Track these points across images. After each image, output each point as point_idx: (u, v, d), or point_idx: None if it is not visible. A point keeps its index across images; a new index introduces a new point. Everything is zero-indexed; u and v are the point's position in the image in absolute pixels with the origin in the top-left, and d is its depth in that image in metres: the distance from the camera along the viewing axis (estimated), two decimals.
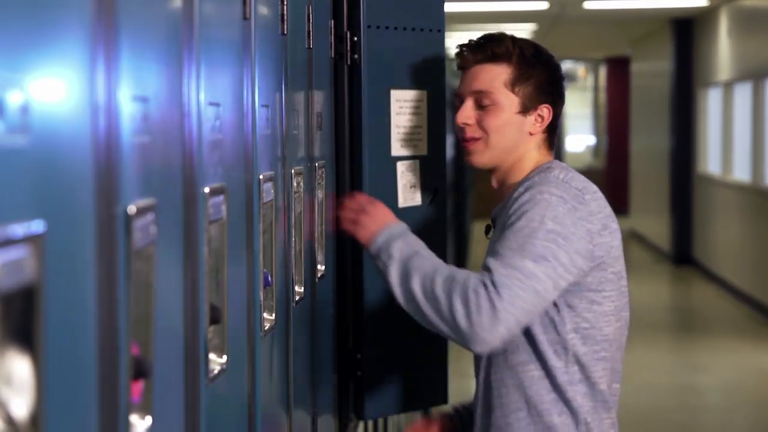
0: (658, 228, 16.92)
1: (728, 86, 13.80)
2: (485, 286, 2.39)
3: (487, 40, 2.72)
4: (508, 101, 2.68)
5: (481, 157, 2.69)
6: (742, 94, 13.10)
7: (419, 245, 2.56)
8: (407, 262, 2.50)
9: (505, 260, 2.43)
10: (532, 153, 2.71)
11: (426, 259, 2.51)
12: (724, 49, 13.94)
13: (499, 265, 2.42)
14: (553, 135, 2.74)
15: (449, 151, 12.48)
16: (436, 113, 3.16)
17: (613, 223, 2.58)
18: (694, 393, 8.62)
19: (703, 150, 15.26)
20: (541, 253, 2.44)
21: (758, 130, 12.08)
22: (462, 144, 2.71)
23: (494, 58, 2.70)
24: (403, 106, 3.10)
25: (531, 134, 2.69)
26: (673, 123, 16.06)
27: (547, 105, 2.71)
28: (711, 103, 15.01)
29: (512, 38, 2.72)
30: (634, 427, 7.19)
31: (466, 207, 13.68)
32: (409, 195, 3.11)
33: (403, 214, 3.04)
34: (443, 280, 2.43)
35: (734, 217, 13.22)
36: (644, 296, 12.48)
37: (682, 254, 15.70)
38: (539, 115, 2.70)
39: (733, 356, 9.81)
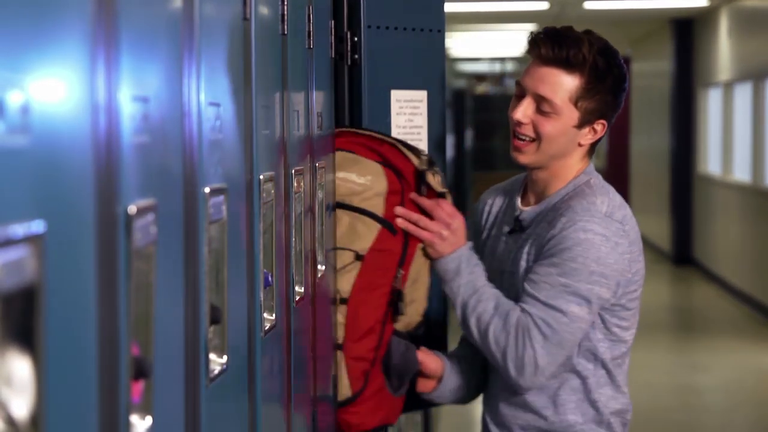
0: (658, 228, 16.92)
1: (728, 86, 13.80)
2: (531, 338, 2.55)
3: (563, 40, 2.60)
4: (569, 114, 2.62)
5: (528, 157, 2.66)
6: (743, 95, 13.10)
7: (480, 277, 2.64)
8: (468, 299, 2.62)
9: (549, 301, 2.55)
10: (575, 160, 2.69)
11: (483, 299, 2.60)
12: (724, 49, 13.94)
13: (544, 308, 2.55)
14: (597, 142, 2.73)
15: (449, 151, 12.48)
16: (436, 113, 3.16)
17: (641, 240, 2.68)
18: (694, 393, 8.62)
19: (704, 150, 15.26)
20: (586, 296, 2.55)
21: (758, 131, 12.08)
22: (512, 138, 2.67)
23: (568, 65, 2.60)
24: (403, 107, 3.11)
25: (581, 145, 2.67)
26: (673, 123, 16.06)
27: (603, 121, 2.66)
28: (711, 103, 15.01)
29: (589, 41, 2.60)
30: (634, 427, 7.18)
31: (466, 208, 13.68)
32: None
33: None
34: (494, 328, 2.59)
35: (734, 218, 13.23)
36: (644, 296, 12.42)
37: (682, 254, 15.70)
38: (593, 128, 2.66)
39: (733, 356, 9.81)
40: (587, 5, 14.37)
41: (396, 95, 3.09)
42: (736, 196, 13.20)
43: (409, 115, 3.12)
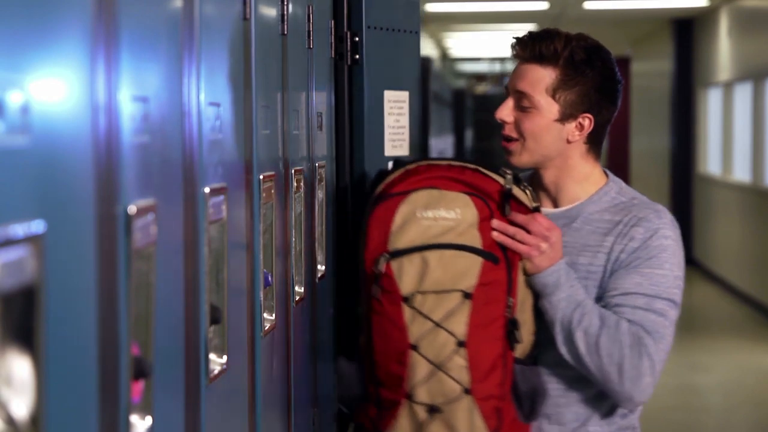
0: None
1: (728, 86, 13.80)
2: (646, 346, 2.52)
3: (539, 37, 2.62)
4: (547, 107, 2.60)
5: (519, 158, 2.65)
6: (743, 95, 13.11)
7: (580, 291, 2.56)
8: (571, 314, 2.54)
9: (651, 308, 2.54)
10: (576, 161, 2.66)
11: (587, 312, 2.54)
12: (724, 49, 13.94)
13: (647, 314, 2.54)
14: (598, 144, 2.69)
15: (449, 151, 12.48)
16: (415, 114, 3.19)
17: None
18: (694, 393, 8.62)
19: (704, 150, 15.26)
20: (676, 301, 2.57)
21: (758, 131, 12.08)
22: (502, 142, 2.68)
23: (540, 59, 2.60)
24: (393, 107, 3.12)
25: (569, 142, 2.63)
26: (674, 123, 16.06)
27: (589, 115, 2.62)
28: (711, 103, 15.01)
29: (566, 37, 2.61)
30: None
31: None
32: None
33: None
34: (606, 340, 2.52)
35: (734, 218, 13.23)
36: None
37: None
38: (580, 123, 2.62)
39: (733, 356, 9.81)
40: (587, 5, 14.37)
41: (388, 96, 3.10)
42: (736, 196, 13.20)
43: (396, 116, 3.13)
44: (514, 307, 2.54)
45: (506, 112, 2.65)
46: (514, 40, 2.66)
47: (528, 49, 2.61)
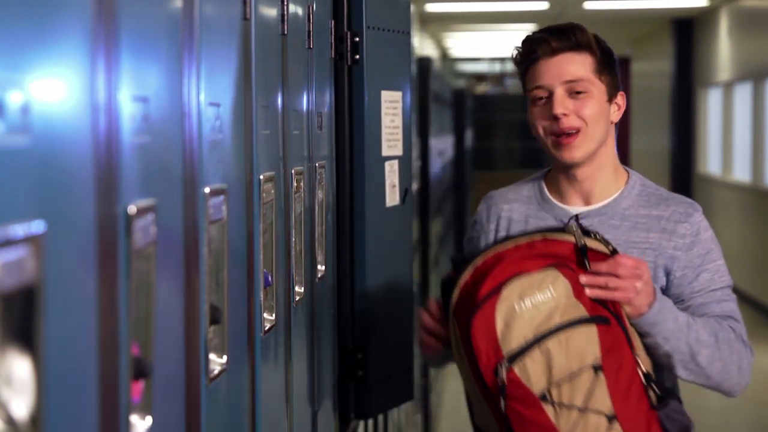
0: None
1: (728, 86, 13.80)
2: (745, 343, 2.67)
3: (566, 30, 2.64)
4: (599, 88, 2.62)
5: (581, 150, 2.61)
6: (743, 95, 13.11)
7: (679, 312, 2.54)
8: (687, 339, 2.53)
9: (724, 300, 2.65)
10: (611, 148, 2.68)
11: (697, 329, 2.55)
12: (724, 49, 13.95)
13: (731, 303, 2.66)
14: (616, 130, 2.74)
15: (450, 151, 12.48)
16: (408, 115, 3.20)
17: None
18: (694, 393, 8.62)
19: (704, 150, 15.26)
20: (731, 284, 2.69)
21: (758, 131, 12.08)
22: (557, 138, 2.60)
23: (578, 47, 2.62)
24: (388, 107, 3.13)
25: (612, 123, 2.66)
26: (674, 123, 16.06)
27: (622, 93, 2.67)
28: (711, 103, 15.01)
29: (581, 27, 2.67)
30: None
31: (466, 208, 13.69)
32: (392, 195, 3.14)
33: (389, 213, 3.08)
34: (723, 346, 2.59)
35: (734, 218, 13.23)
36: None
37: None
38: (617, 103, 2.66)
39: None
40: (587, 5, 14.37)
41: (384, 96, 3.11)
42: (736, 196, 13.20)
43: (392, 116, 3.14)
44: (642, 359, 2.48)
45: (563, 104, 2.60)
46: (535, 39, 2.63)
47: (562, 42, 2.61)
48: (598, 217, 2.63)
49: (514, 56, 2.69)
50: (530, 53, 2.64)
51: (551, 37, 2.63)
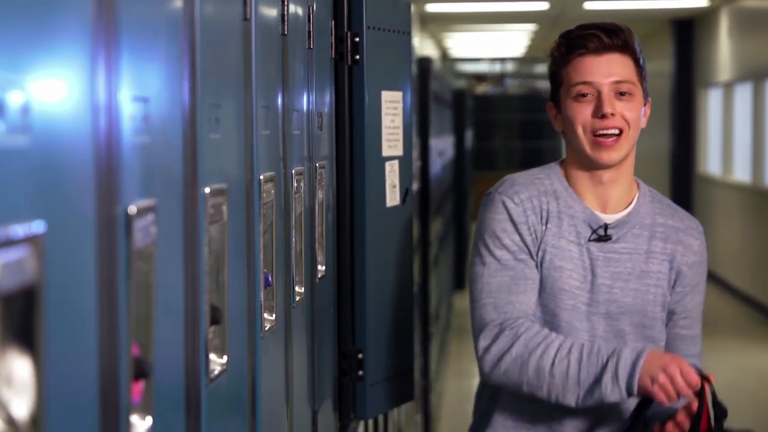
0: None
1: (728, 86, 13.80)
2: None
3: (615, 28, 2.62)
4: (639, 93, 2.62)
5: (618, 153, 2.60)
6: (743, 95, 13.11)
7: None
8: None
9: (702, 317, 2.74)
10: (634, 152, 2.68)
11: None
12: (724, 49, 13.94)
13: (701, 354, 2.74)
14: None
15: (450, 151, 12.48)
16: (408, 115, 3.20)
17: None
18: None
19: (704, 150, 15.26)
20: None
21: (758, 131, 12.08)
22: (597, 138, 2.57)
23: (626, 48, 2.60)
24: (389, 107, 3.13)
25: (641, 128, 2.66)
26: (674, 123, 16.06)
27: (650, 100, 2.67)
28: (711, 103, 15.01)
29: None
30: None
31: (466, 208, 13.69)
32: (392, 195, 3.14)
33: (389, 213, 3.08)
34: None
35: (734, 218, 13.23)
36: None
37: None
38: (645, 108, 2.65)
39: (733, 356, 9.81)
40: (587, 5, 14.37)
41: (384, 96, 3.11)
42: (736, 196, 13.20)
43: (392, 116, 3.14)
44: None
45: (612, 103, 2.57)
46: (585, 33, 2.60)
47: (616, 38, 2.59)
48: (624, 226, 2.63)
49: (555, 47, 2.64)
50: (579, 47, 2.60)
51: (603, 34, 2.59)
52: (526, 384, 2.52)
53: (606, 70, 2.58)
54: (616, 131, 2.57)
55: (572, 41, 2.60)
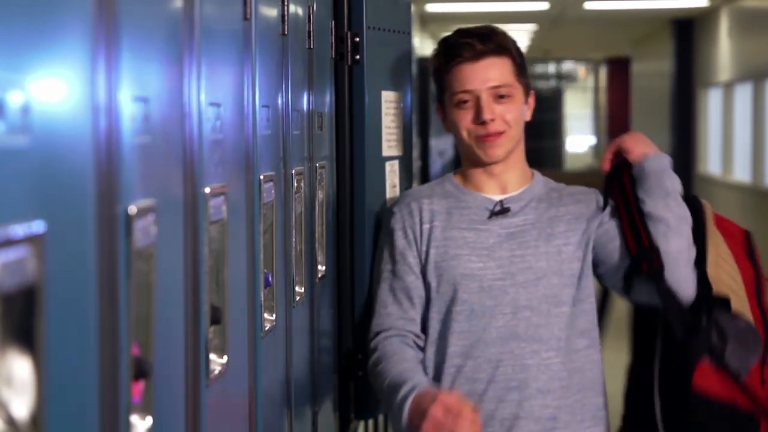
0: None
1: (728, 86, 13.80)
2: None
3: (487, 33, 2.74)
4: (518, 92, 2.75)
5: (501, 149, 2.74)
6: (743, 95, 13.11)
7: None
8: (676, 203, 2.82)
9: None
10: (523, 142, 2.83)
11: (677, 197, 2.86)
12: (724, 49, 13.94)
13: None
14: None
15: (449, 152, 12.48)
16: (407, 115, 3.20)
17: None
18: None
19: (704, 150, 15.26)
20: None
21: (758, 131, 12.08)
22: (480, 139, 2.72)
23: (501, 51, 2.73)
24: (388, 107, 3.13)
25: (525, 122, 2.80)
26: (674, 123, 16.06)
27: (533, 92, 2.82)
28: (711, 103, 15.01)
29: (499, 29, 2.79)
30: None
31: None
32: (392, 195, 3.14)
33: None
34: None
35: (735, 218, 13.14)
36: None
37: None
38: (529, 102, 2.80)
39: None
40: (587, 5, 14.37)
41: (384, 96, 3.11)
42: (737, 196, 13.20)
43: (392, 116, 3.14)
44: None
45: (491, 109, 2.72)
46: (458, 43, 2.73)
47: (489, 43, 2.72)
48: (519, 201, 2.77)
49: (433, 58, 2.80)
50: (456, 56, 2.73)
51: (475, 41, 2.72)
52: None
53: (483, 76, 2.72)
54: (496, 131, 2.73)
55: (449, 49, 2.75)
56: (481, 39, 2.71)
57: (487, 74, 2.71)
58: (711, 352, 2.60)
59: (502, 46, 2.72)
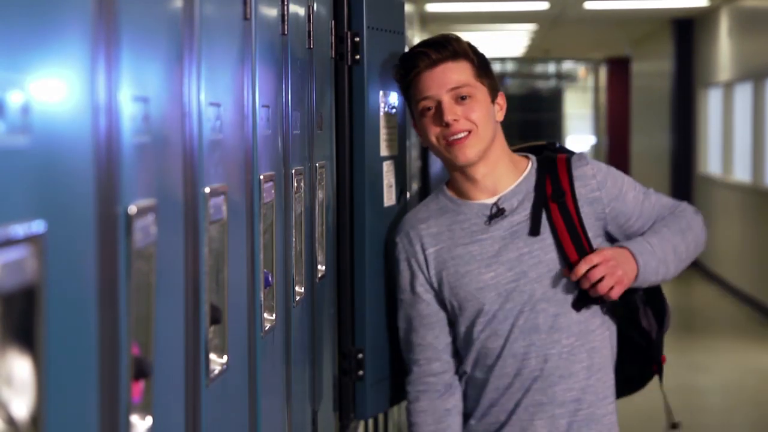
0: None
1: (729, 86, 13.80)
2: (690, 207, 3.03)
3: (441, 41, 2.80)
4: (481, 92, 2.79)
5: (471, 150, 2.77)
6: (743, 95, 13.10)
7: (652, 237, 2.83)
8: (667, 257, 2.82)
9: (661, 196, 3.00)
10: (501, 141, 2.85)
11: (667, 243, 2.84)
12: (724, 49, 13.94)
13: (666, 198, 3.02)
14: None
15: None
16: (401, 114, 3.21)
17: None
18: (694, 393, 8.62)
19: (704, 150, 15.26)
20: None
21: (759, 131, 12.08)
22: (449, 143, 2.76)
23: (456, 56, 2.78)
24: (388, 107, 3.13)
25: (497, 121, 2.83)
26: (674, 123, 16.06)
27: (502, 93, 2.86)
28: (711, 103, 15.01)
29: (456, 37, 2.85)
30: (635, 427, 7.19)
31: None
32: (389, 194, 3.14)
33: (387, 213, 3.08)
34: (688, 233, 2.90)
35: (735, 218, 13.23)
36: None
37: None
38: (498, 103, 2.83)
39: (733, 356, 9.81)
40: (587, 5, 14.37)
41: (383, 96, 3.11)
42: (737, 196, 13.20)
43: (390, 116, 3.15)
44: None
45: (452, 110, 2.75)
46: (414, 54, 2.80)
47: (443, 50, 2.78)
48: (515, 196, 2.80)
49: (394, 74, 2.88)
50: (412, 68, 2.81)
51: (430, 50, 2.79)
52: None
53: (440, 80, 2.78)
54: (464, 133, 2.76)
55: (406, 62, 2.84)
56: (435, 47, 2.78)
57: (445, 78, 2.76)
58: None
59: (457, 51, 2.78)
